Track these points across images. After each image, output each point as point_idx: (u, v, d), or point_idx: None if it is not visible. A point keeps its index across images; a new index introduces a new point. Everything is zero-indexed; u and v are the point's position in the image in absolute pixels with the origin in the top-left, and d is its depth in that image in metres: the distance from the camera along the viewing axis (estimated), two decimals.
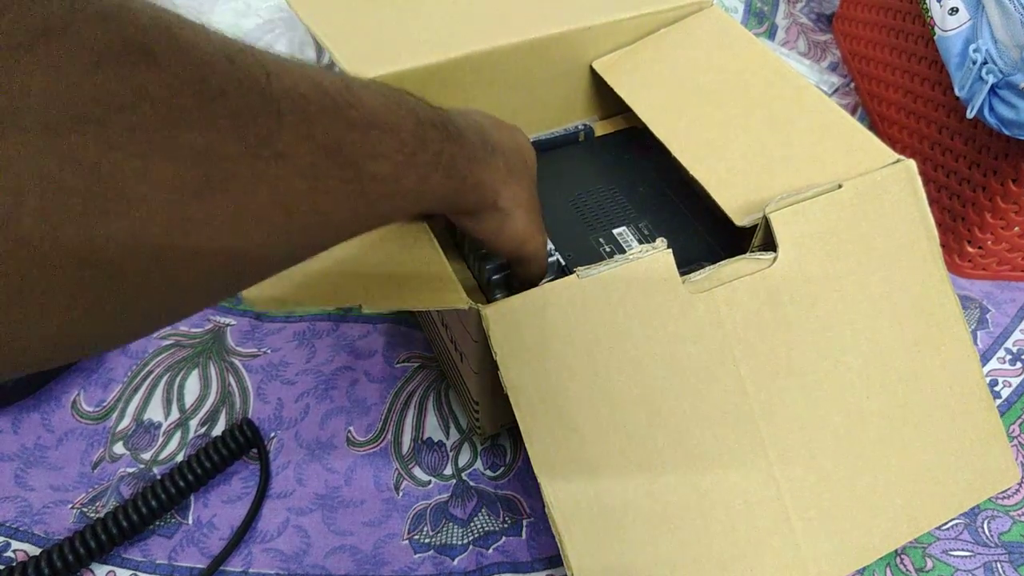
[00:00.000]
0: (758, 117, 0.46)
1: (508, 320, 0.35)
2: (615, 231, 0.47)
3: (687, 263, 0.41)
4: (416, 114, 0.29)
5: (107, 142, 0.17)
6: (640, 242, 0.47)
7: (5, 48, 0.15)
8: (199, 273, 0.21)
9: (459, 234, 0.46)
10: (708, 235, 0.47)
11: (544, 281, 0.42)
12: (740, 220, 0.41)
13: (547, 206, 0.48)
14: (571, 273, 0.37)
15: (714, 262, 0.39)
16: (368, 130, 0.25)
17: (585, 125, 0.55)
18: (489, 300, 0.44)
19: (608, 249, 0.46)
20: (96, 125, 0.16)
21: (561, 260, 0.45)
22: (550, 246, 0.46)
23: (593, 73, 0.54)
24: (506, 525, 0.49)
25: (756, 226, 0.41)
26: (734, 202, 0.42)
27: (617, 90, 0.51)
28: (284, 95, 0.21)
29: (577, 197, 0.50)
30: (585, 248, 0.47)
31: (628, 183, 0.51)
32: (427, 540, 0.48)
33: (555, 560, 0.47)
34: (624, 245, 0.46)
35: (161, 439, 0.52)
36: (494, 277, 0.44)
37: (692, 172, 0.44)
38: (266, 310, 0.31)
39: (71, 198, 0.16)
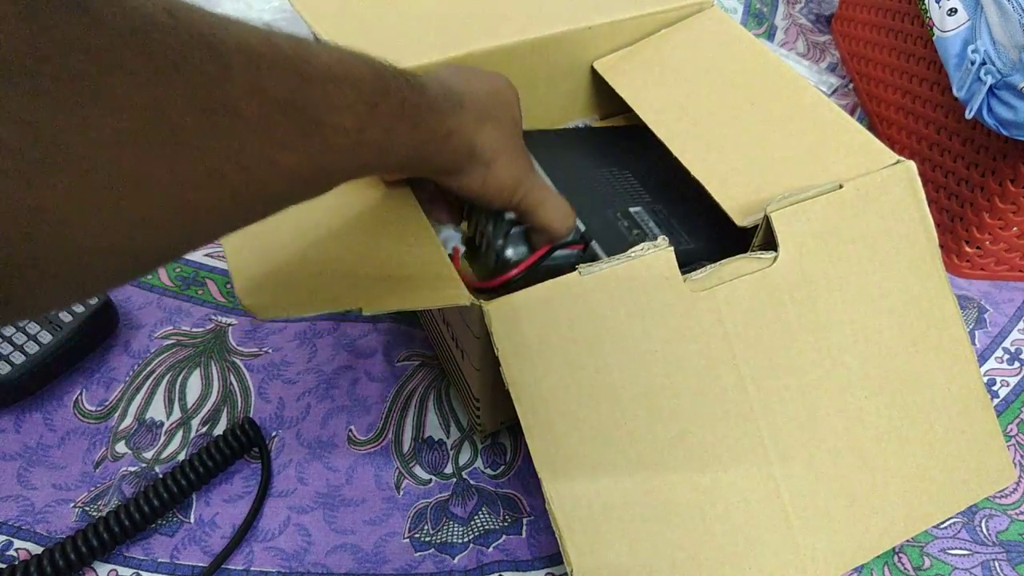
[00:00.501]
0: (759, 118, 0.46)
1: (510, 316, 0.35)
2: (631, 209, 0.47)
3: (696, 254, 0.40)
4: (374, 67, 0.29)
5: (42, 94, 0.16)
6: (656, 224, 0.46)
7: None
8: (155, 231, 0.21)
9: (465, 208, 0.45)
10: (718, 225, 0.47)
11: (569, 243, 0.40)
12: (741, 220, 0.41)
13: (560, 182, 0.46)
14: (591, 241, 0.36)
15: (722, 256, 0.39)
16: (325, 83, 0.25)
17: (586, 125, 0.56)
18: (503, 254, 0.42)
19: (626, 224, 0.45)
20: (28, 76, 0.16)
21: (580, 225, 0.43)
22: None
23: (593, 73, 0.54)
24: (506, 523, 0.49)
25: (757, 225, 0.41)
26: (735, 202, 0.42)
27: (618, 90, 0.51)
28: (234, 50, 0.21)
29: (591, 177, 0.49)
30: (603, 220, 0.45)
31: (642, 170, 0.50)
32: (428, 538, 0.48)
33: (555, 558, 0.47)
34: (641, 223, 0.46)
35: (163, 438, 0.52)
36: (513, 230, 0.42)
37: (693, 172, 0.44)
38: (267, 317, 0.31)
39: (9, 154, 0.16)
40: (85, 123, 0.17)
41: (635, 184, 0.49)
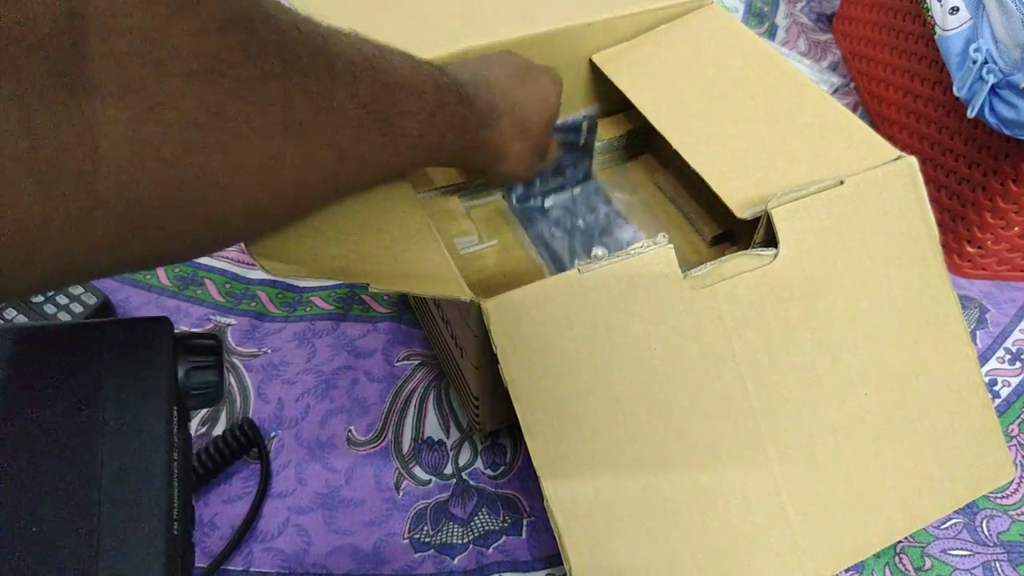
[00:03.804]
0: (760, 113, 0.46)
1: (509, 314, 0.35)
2: None
3: None
4: (435, 80, 0.34)
5: (225, 90, 0.22)
6: None
7: (161, 15, 0.20)
8: (275, 202, 0.26)
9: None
10: None
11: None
12: (741, 213, 0.41)
13: None
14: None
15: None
16: (398, 92, 0.31)
17: (588, 116, 0.55)
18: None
19: None
20: (218, 75, 0.21)
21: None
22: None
23: (592, 69, 0.54)
24: (506, 524, 0.49)
25: (758, 219, 0.41)
26: (736, 196, 0.42)
27: (616, 82, 0.51)
28: (337, 58, 0.27)
29: None
30: None
31: None
32: (427, 539, 0.48)
33: (555, 559, 0.47)
34: None
35: None
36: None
37: (693, 164, 0.44)
38: (277, 275, 0.32)
39: (199, 132, 0.21)
40: (248, 115, 0.23)
41: None
